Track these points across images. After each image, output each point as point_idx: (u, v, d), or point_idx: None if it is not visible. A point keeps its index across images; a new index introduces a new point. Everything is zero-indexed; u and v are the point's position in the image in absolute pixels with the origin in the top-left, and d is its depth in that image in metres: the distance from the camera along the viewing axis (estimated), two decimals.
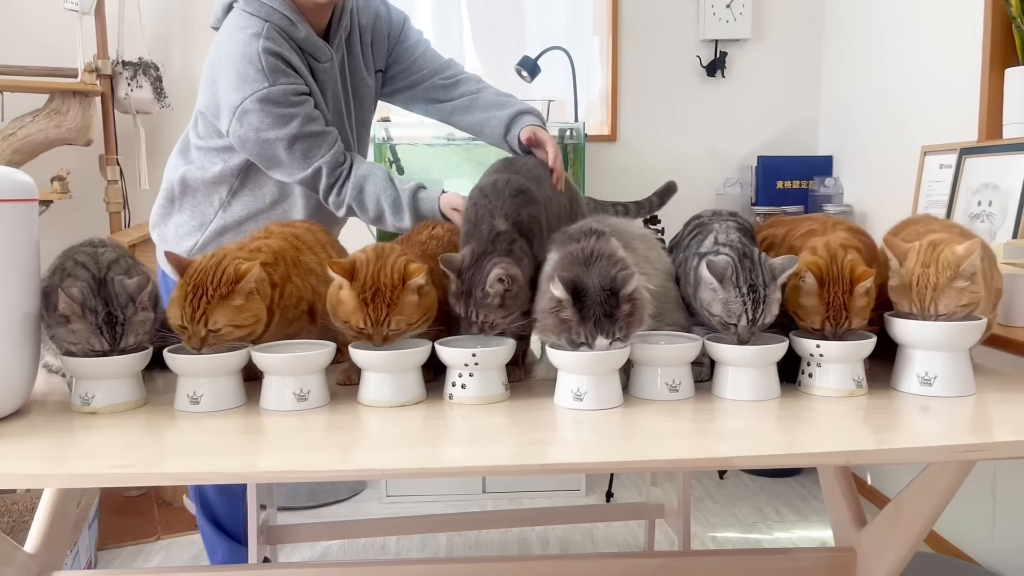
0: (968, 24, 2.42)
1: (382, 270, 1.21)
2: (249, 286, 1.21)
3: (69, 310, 1.16)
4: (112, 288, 1.20)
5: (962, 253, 1.21)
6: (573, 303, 1.15)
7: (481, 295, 1.25)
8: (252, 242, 1.35)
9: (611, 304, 1.15)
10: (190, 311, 1.18)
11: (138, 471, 0.96)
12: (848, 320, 1.23)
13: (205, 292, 1.18)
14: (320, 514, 2.85)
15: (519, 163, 1.50)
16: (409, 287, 1.22)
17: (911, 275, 1.23)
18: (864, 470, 3.00)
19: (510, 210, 1.33)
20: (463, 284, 1.27)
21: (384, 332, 1.21)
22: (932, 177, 2.54)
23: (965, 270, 1.20)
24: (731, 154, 3.40)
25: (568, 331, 1.17)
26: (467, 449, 1.10)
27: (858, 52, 3.13)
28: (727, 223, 1.37)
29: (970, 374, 1.24)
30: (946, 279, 1.20)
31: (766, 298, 1.21)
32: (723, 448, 1.05)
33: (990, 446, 1.05)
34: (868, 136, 3.06)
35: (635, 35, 3.32)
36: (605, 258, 1.17)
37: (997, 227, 2.17)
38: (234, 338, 1.22)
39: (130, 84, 2.89)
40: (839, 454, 1.02)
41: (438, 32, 3.23)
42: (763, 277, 1.22)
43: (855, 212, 3.10)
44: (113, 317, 1.18)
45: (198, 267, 1.21)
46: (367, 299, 1.20)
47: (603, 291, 1.15)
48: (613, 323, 1.15)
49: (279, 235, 1.40)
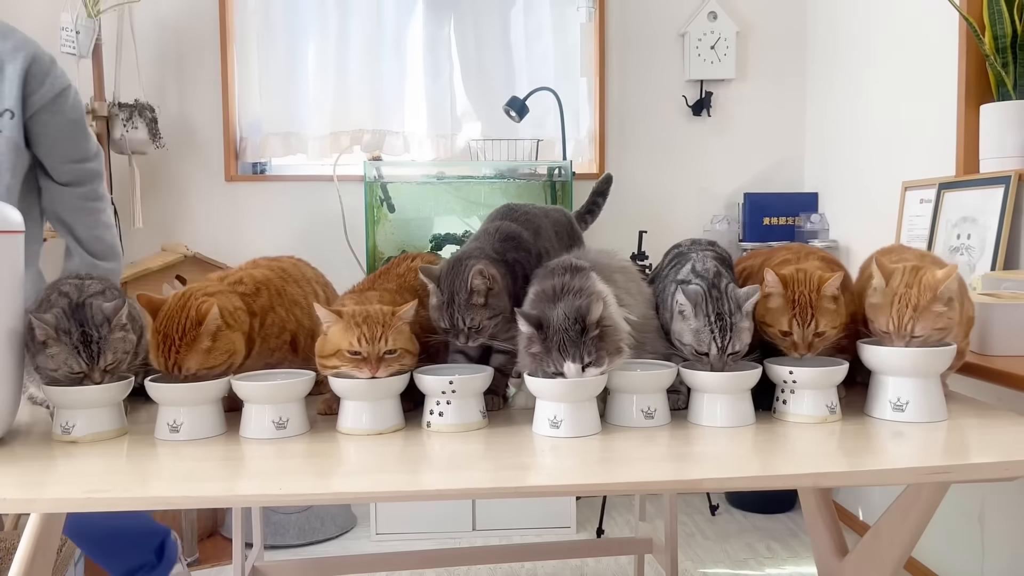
0: (944, 62, 2.48)
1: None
2: (212, 326, 1.23)
3: (44, 335, 1.18)
4: (88, 311, 1.21)
5: (940, 276, 1.23)
6: (538, 335, 1.18)
7: (464, 298, 1.27)
8: (235, 273, 1.37)
9: (576, 331, 1.17)
10: (163, 360, 1.22)
11: (113, 496, 0.97)
12: (815, 320, 1.25)
13: (173, 342, 1.21)
14: (308, 552, 2.83)
15: (519, 211, 1.52)
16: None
17: (894, 294, 1.25)
18: (856, 505, 2.99)
19: (499, 249, 1.37)
20: (443, 293, 1.29)
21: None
22: (913, 212, 2.58)
23: (943, 293, 1.22)
24: (718, 191, 3.45)
25: (541, 363, 1.19)
26: (443, 474, 1.11)
27: (839, 90, 3.20)
28: (704, 252, 1.39)
29: (942, 400, 1.26)
30: (926, 301, 1.22)
31: (734, 326, 1.23)
32: (696, 471, 1.06)
33: (959, 468, 1.06)
34: (852, 172, 3.11)
35: (622, 76, 3.39)
36: (574, 292, 1.20)
37: (976, 260, 2.20)
38: (212, 376, 1.24)
39: (126, 125, 2.94)
40: (808, 476, 1.04)
41: (429, 73, 3.29)
42: (729, 306, 1.24)
43: (840, 247, 3.14)
44: (88, 336, 1.19)
45: (165, 312, 1.23)
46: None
47: (567, 319, 1.17)
48: (579, 348, 1.17)
49: (265, 266, 1.43)
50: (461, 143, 3.33)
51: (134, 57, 3.05)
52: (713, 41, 3.35)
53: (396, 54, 3.29)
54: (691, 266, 1.35)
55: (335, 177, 3.17)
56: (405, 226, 3.11)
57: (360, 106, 3.27)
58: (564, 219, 1.60)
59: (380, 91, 3.28)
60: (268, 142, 3.25)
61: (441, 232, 3.07)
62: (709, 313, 1.24)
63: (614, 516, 3.10)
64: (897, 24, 2.80)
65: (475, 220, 3.11)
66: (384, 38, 3.28)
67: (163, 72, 3.20)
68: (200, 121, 3.23)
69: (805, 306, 1.26)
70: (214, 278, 1.34)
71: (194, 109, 3.23)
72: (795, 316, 1.26)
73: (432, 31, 3.29)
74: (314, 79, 3.27)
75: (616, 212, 3.36)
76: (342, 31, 3.24)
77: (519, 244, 1.40)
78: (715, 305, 1.25)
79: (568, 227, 1.60)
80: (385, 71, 3.28)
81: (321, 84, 3.26)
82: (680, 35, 3.39)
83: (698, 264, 1.35)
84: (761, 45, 3.43)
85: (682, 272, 1.36)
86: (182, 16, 3.19)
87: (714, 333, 1.23)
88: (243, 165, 3.33)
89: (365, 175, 2.99)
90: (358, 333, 1.21)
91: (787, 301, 1.27)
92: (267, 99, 3.26)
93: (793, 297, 1.26)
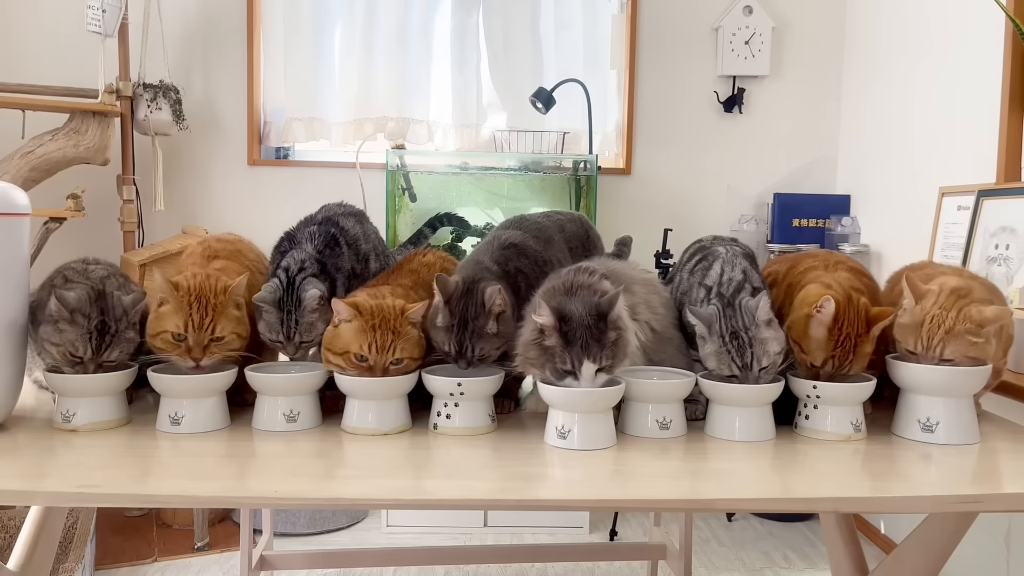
0: (987, 65, 2.39)
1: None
2: (238, 298, 1.24)
3: (59, 314, 1.16)
4: (110, 300, 1.21)
5: (989, 316, 1.16)
6: (559, 328, 1.12)
7: (480, 324, 1.21)
8: (209, 260, 1.35)
9: (599, 329, 1.12)
10: (197, 318, 1.19)
11: (104, 492, 0.94)
12: (851, 364, 1.20)
13: (208, 301, 1.19)
14: (318, 542, 2.81)
15: (529, 220, 1.47)
16: None
17: (925, 314, 1.18)
18: (878, 518, 2.91)
19: (500, 259, 1.31)
20: (453, 316, 1.21)
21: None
22: (949, 219, 2.49)
23: (987, 331, 1.16)
24: (747, 191, 3.37)
25: (552, 360, 1.13)
26: (446, 481, 1.07)
27: (877, 91, 3.10)
28: (732, 248, 1.33)
29: (974, 421, 1.20)
30: (962, 328, 1.16)
31: (752, 340, 1.17)
32: (708, 490, 1.01)
33: (989, 498, 1.00)
34: (886, 176, 3.02)
35: (652, 69, 3.32)
36: (587, 288, 1.15)
37: (1014, 271, 2.12)
38: (232, 349, 1.22)
39: (150, 106, 2.93)
40: (827, 500, 0.98)
41: (455, 61, 3.25)
42: (743, 320, 1.19)
43: (871, 252, 3.05)
44: (106, 326, 1.18)
45: (190, 283, 1.21)
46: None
47: (589, 316, 1.12)
48: (601, 348, 1.11)
49: (228, 251, 1.41)
50: (486, 134, 3.28)
51: (160, 38, 3.03)
52: (747, 36, 3.26)
53: (423, 42, 3.24)
54: (720, 267, 1.28)
55: (357, 164, 3.13)
56: (426, 216, 3.05)
57: (385, 93, 3.22)
58: (580, 230, 1.54)
59: (405, 79, 3.24)
60: (291, 127, 3.23)
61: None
62: (724, 333, 1.18)
63: (628, 519, 3.05)
64: (939, 24, 2.70)
65: (498, 212, 3.06)
66: (411, 25, 3.23)
67: (189, 54, 3.18)
68: (224, 104, 3.21)
69: (848, 350, 1.19)
70: (189, 262, 1.34)
71: (219, 92, 3.21)
72: (834, 357, 1.19)
73: (460, 19, 3.24)
74: (340, 65, 3.23)
75: (641, 209, 3.31)
76: (369, 17, 3.20)
77: (521, 252, 1.34)
78: (728, 323, 1.19)
79: (584, 238, 1.54)
80: (411, 59, 3.24)
81: (346, 70, 3.22)
82: (714, 29, 3.30)
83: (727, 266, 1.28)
84: (797, 41, 3.34)
85: (711, 274, 1.29)
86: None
87: (731, 353, 1.17)
88: (266, 150, 3.31)
89: (387, 163, 2.95)
90: (370, 339, 1.18)
91: (831, 337, 1.19)
92: (292, 84, 3.22)
93: (839, 337, 1.18)
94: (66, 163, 2.73)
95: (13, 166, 2.62)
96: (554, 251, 1.40)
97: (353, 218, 1.46)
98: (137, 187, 2.95)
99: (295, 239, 1.36)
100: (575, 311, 1.12)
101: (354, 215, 1.47)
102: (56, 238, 2.68)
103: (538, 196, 3.11)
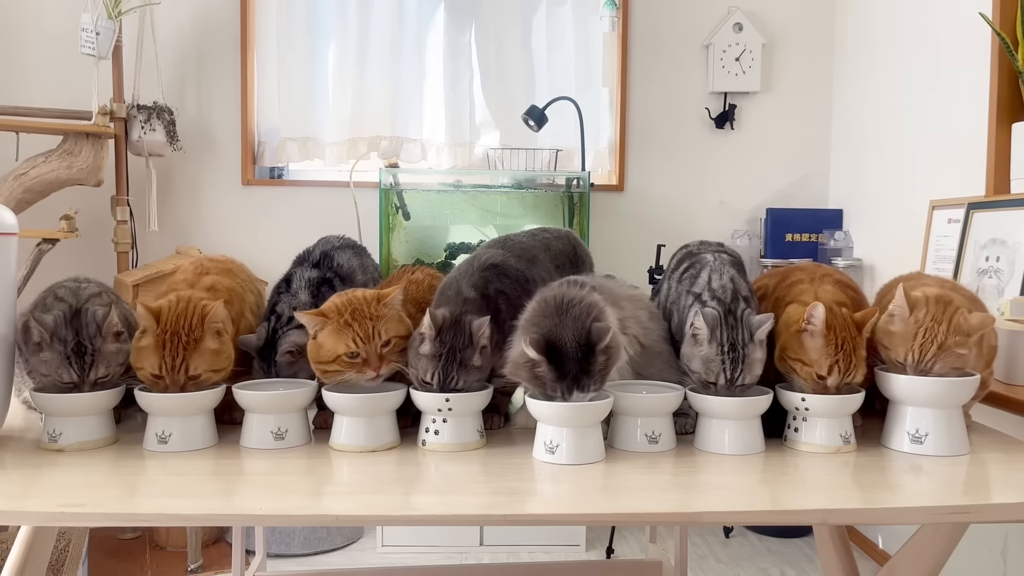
0: (975, 79, 2.41)
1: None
2: (217, 325, 1.20)
3: (39, 337, 1.16)
4: (84, 318, 1.19)
5: (975, 324, 1.17)
6: (548, 362, 1.12)
7: (467, 356, 1.19)
8: (200, 278, 1.34)
9: (588, 360, 1.12)
10: (170, 360, 1.16)
11: (88, 511, 0.94)
12: (855, 369, 1.18)
13: (180, 339, 1.17)
14: (313, 562, 2.79)
15: (513, 240, 1.45)
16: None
17: (919, 326, 1.18)
18: (876, 532, 2.90)
19: (478, 282, 1.29)
20: (442, 345, 1.19)
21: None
22: (940, 232, 2.50)
23: (971, 340, 1.16)
24: (740, 206, 3.38)
25: (543, 387, 1.13)
26: (435, 497, 1.06)
27: (867, 106, 3.12)
28: (720, 256, 1.32)
29: (963, 433, 1.20)
30: (953, 342, 1.16)
31: (746, 358, 1.17)
32: (698, 503, 1.01)
33: (979, 508, 1.00)
34: (878, 190, 3.04)
35: (644, 87, 3.34)
36: (577, 304, 1.15)
37: (1005, 283, 2.12)
38: (211, 383, 1.21)
39: (144, 127, 2.94)
40: (817, 512, 0.98)
41: (448, 80, 3.27)
42: (743, 335, 1.19)
43: (864, 266, 3.06)
44: (82, 347, 1.17)
45: (169, 312, 1.19)
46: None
47: (579, 347, 1.12)
48: (590, 378, 1.12)
49: (219, 271, 1.39)
50: (479, 152, 3.30)
51: (154, 59, 3.05)
52: (738, 53, 3.29)
53: (416, 61, 3.26)
54: (708, 274, 1.28)
55: (351, 183, 3.14)
56: (420, 234, 3.07)
57: (378, 112, 3.24)
58: (567, 247, 1.52)
59: (398, 98, 3.26)
60: (285, 147, 3.24)
61: (456, 241, 3.03)
62: (723, 342, 1.18)
63: (625, 535, 3.03)
64: (928, 39, 2.73)
65: (491, 230, 3.07)
66: (404, 44, 3.25)
67: (182, 75, 3.20)
68: (218, 124, 3.22)
69: (849, 353, 1.18)
70: (181, 281, 1.34)
71: (212, 112, 3.22)
72: (837, 363, 1.18)
73: (453, 38, 3.27)
74: (333, 84, 3.25)
75: (634, 225, 3.32)
76: (362, 37, 3.22)
77: (502, 273, 1.32)
78: (730, 333, 1.18)
79: (571, 255, 1.52)
80: (404, 78, 3.26)
81: (340, 89, 3.24)
82: (704, 46, 3.33)
83: (715, 275, 1.27)
84: (787, 58, 3.37)
85: (699, 282, 1.28)
86: (203, 19, 3.19)
87: (724, 364, 1.17)
88: (260, 169, 3.32)
89: (381, 182, 2.96)
90: (351, 334, 1.17)
91: (829, 345, 1.18)
92: (285, 104, 3.24)
93: (836, 343, 1.17)
94: (60, 184, 2.74)
95: (7, 188, 2.62)
96: (538, 270, 1.39)
97: (350, 250, 1.45)
98: (131, 208, 2.96)
99: (290, 283, 1.36)
100: (565, 341, 1.11)
101: (351, 247, 1.47)
102: (50, 259, 2.68)
103: (531, 213, 3.12)
